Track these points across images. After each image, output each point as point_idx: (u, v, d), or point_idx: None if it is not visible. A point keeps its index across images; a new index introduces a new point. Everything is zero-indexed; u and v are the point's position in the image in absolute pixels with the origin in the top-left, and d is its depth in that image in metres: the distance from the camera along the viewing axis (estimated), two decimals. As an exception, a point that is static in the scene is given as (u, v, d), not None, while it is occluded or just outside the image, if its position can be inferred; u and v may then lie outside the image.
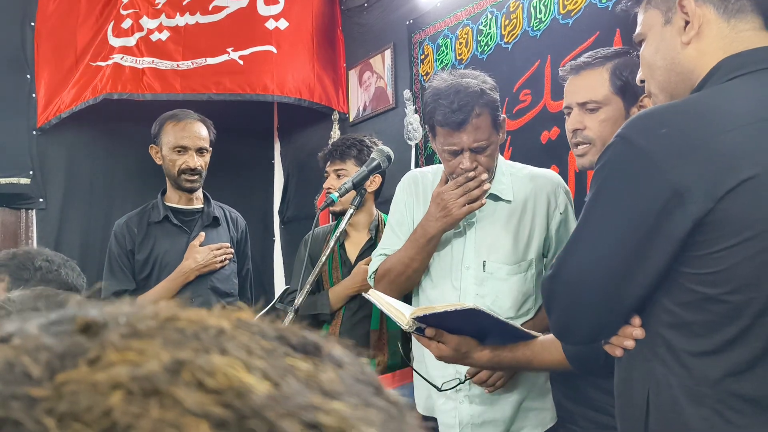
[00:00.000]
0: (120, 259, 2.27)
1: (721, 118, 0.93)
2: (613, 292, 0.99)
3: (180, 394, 0.20)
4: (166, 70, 3.17)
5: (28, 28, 3.25)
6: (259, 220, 3.67)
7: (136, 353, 0.21)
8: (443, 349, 1.38)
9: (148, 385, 0.20)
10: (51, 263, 1.31)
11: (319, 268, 1.63)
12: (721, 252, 0.92)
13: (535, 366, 1.40)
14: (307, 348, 0.24)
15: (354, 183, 1.74)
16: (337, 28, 3.44)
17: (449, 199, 1.60)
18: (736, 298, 0.92)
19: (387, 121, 3.05)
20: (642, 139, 0.95)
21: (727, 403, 0.94)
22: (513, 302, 1.64)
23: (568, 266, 1.04)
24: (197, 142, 2.28)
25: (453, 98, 1.55)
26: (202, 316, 0.24)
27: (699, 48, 1.01)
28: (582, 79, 1.52)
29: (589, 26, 2.07)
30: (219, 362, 0.21)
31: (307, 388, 0.22)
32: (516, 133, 2.36)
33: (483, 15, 2.53)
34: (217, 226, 2.37)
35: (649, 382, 1.01)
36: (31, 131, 3.22)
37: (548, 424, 1.68)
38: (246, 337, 0.23)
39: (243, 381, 0.20)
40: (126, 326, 0.22)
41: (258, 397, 0.20)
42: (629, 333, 1.03)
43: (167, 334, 0.22)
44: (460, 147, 1.59)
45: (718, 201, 0.89)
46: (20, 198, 3.17)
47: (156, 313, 0.23)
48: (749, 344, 0.93)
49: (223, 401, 0.20)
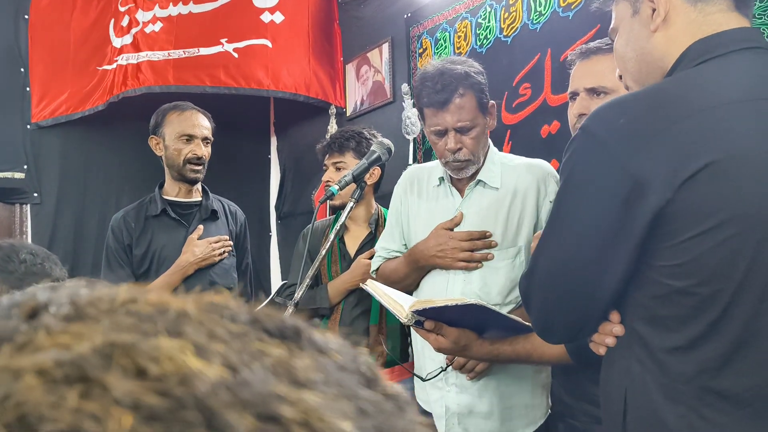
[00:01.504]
0: (118, 254, 2.25)
1: (681, 104, 0.91)
2: (585, 286, 0.97)
3: (110, 381, 0.18)
4: (158, 61, 3.15)
5: (21, 21, 3.23)
6: (255, 215, 3.66)
7: (70, 337, 0.19)
8: (442, 341, 1.37)
9: (73, 370, 0.18)
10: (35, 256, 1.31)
11: (319, 261, 1.62)
12: (685, 242, 0.89)
13: (534, 359, 1.38)
14: (284, 332, 0.22)
15: (354, 176, 1.73)
16: (334, 21, 3.42)
17: (452, 246, 1.65)
18: (703, 290, 0.90)
19: (385, 115, 3.04)
20: (602, 130, 0.94)
21: (704, 400, 0.92)
22: (500, 288, 1.65)
23: (541, 263, 1.02)
24: (203, 131, 2.29)
25: (438, 79, 1.61)
26: (166, 299, 0.22)
27: (667, 35, 1.00)
28: (592, 64, 1.49)
29: (590, 19, 2.06)
30: (165, 346, 0.19)
31: (274, 375, 0.20)
32: (516, 127, 2.35)
33: (482, 8, 2.52)
34: (215, 219, 2.36)
35: (625, 381, 0.99)
36: (25, 125, 3.20)
37: (539, 420, 1.68)
38: (212, 321, 0.21)
39: (189, 366, 0.18)
40: (70, 309, 0.21)
41: (204, 384, 0.18)
42: (609, 330, 1.02)
43: (118, 317, 0.20)
44: (444, 127, 1.63)
45: (677, 190, 0.87)
46: (14, 192, 3.15)
47: (114, 295, 0.22)
48: (722, 338, 0.91)
49: (160, 389, 0.18)
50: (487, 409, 1.64)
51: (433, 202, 1.77)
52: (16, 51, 3.21)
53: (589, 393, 1.49)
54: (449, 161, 1.66)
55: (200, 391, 0.18)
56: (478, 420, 1.65)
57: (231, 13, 3.24)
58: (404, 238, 1.83)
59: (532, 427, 1.67)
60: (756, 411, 0.90)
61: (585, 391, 1.51)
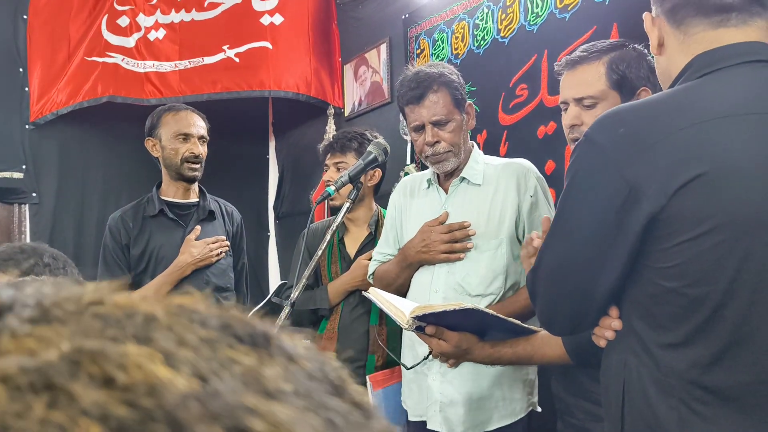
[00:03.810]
0: (115, 254, 2.26)
1: (677, 116, 0.98)
2: (584, 283, 1.05)
3: (77, 390, 0.17)
4: (166, 72, 3.20)
5: (20, 21, 3.23)
6: (253, 215, 3.67)
7: (36, 341, 0.18)
8: (444, 346, 1.40)
9: (39, 378, 0.17)
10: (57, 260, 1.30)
11: (316, 261, 1.63)
12: (676, 247, 0.96)
13: (536, 360, 1.42)
14: (255, 339, 0.21)
15: (350, 176, 1.74)
16: (332, 22, 3.43)
17: (434, 240, 1.73)
18: (693, 291, 0.96)
19: (382, 115, 3.04)
20: (603, 138, 1.01)
21: (694, 395, 0.97)
22: (481, 279, 1.71)
23: (545, 259, 1.10)
24: (199, 130, 2.31)
25: (413, 78, 1.74)
26: (133, 301, 0.21)
27: (667, 56, 1.10)
28: (578, 74, 1.50)
29: (587, 20, 2.07)
30: (134, 353, 0.18)
31: (244, 385, 0.19)
32: (512, 128, 2.36)
33: (479, 9, 2.52)
34: (212, 219, 2.36)
35: (623, 373, 1.05)
36: (24, 125, 3.20)
37: (519, 414, 1.72)
38: (181, 326, 0.20)
39: (158, 376, 0.18)
40: (35, 310, 0.20)
41: (172, 396, 0.17)
42: (608, 324, 1.08)
43: (84, 320, 0.19)
44: (421, 121, 1.73)
45: (671, 198, 0.94)
46: (13, 192, 3.15)
47: (80, 296, 0.21)
48: (712, 337, 0.96)
49: (129, 399, 0.17)
50: (465, 399, 1.70)
51: (421, 202, 1.85)
52: (14, 51, 3.21)
53: (588, 391, 1.50)
54: (428, 156, 1.75)
55: (169, 402, 0.17)
56: (458, 408, 1.70)
57: (232, 18, 3.28)
58: (398, 241, 1.90)
59: (509, 420, 1.71)
60: (742, 406, 0.96)
61: (583, 389, 1.52)
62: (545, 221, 1.30)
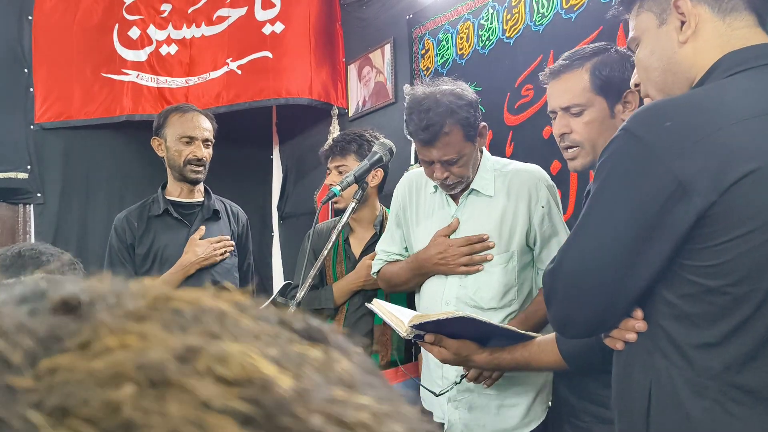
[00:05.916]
0: (120, 254, 2.27)
1: (724, 111, 0.94)
2: (614, 284, 1.00)
3: (196, 386, 0.17)
4: (177, 88, 3.26)
5: (25, 21, 3.24)
6: (257, 216, 3.67)
7: (136, 337, 0.18)
8: (445, 353, 1.41)
9: (157, 375, 0.17)
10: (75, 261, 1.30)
11: (321, 261, 1.63)
12: (723, 244, 0.93)
13: (533, 366, 1.41)
14: (312, 334, 0.21)
15: (356, 176, 1.74)
16: (336, 22, 3.43)
17: (453, 254, 1.70)
18: (737, 289, 0.93)
19: (387, 116, 3.04)
20: (646, 132, 0.96)
21: (729, 395, 0.95)
22: (494, 293, 1.69)
23: (570, 257, 1.04)
24: (204, 133, 2.31)
25: (423, 116, 1.61)
26: (197, 296, 0.20)
27: (696, 47, 1.03)
28: (562, 82, 1.50)
29: (593, 20, 2.06)
30: (233, 350, 0.18)
31: (326, 379, 0.19)
32: (517, 129, 2.36)
33: (484, 9, 2.52)
34: (217, 219, 2.37)
35: (650, 375, 1.02)
36: (28, 126, 3.21)
37: (540, 417, 1.72)
38: (249, 322, 0.20)
39: (263, 372, 0.18)
40: (116, 305, 0.19)
41: (284, 391, 0.17)
42: (631, 326, 1.04)
43: (163, 315, 0.19)
44: (430, 159, 1.67)
45: (722, 194, 0.90)
46: (18, 193, 3.16)
47: (143, 291, 0.20)
48: (750, 335, 0.94)
49: (246, 395, 0.17)
50: (486, 404, 1.69)
51: (429, 210, 1.82)
52: (19, 52, 3.22)
53: (594, 393, 1.50)
54: (438, 184, 1.73)
55: (283, 398, 0.17)
56: (479, 414, 1.69)
57: (236, 31, 3.34)
58: (404, 241, 1.88)
59: (533, 425, 1.70)
60: None
61: (589, 392, 1.52)
62: None
